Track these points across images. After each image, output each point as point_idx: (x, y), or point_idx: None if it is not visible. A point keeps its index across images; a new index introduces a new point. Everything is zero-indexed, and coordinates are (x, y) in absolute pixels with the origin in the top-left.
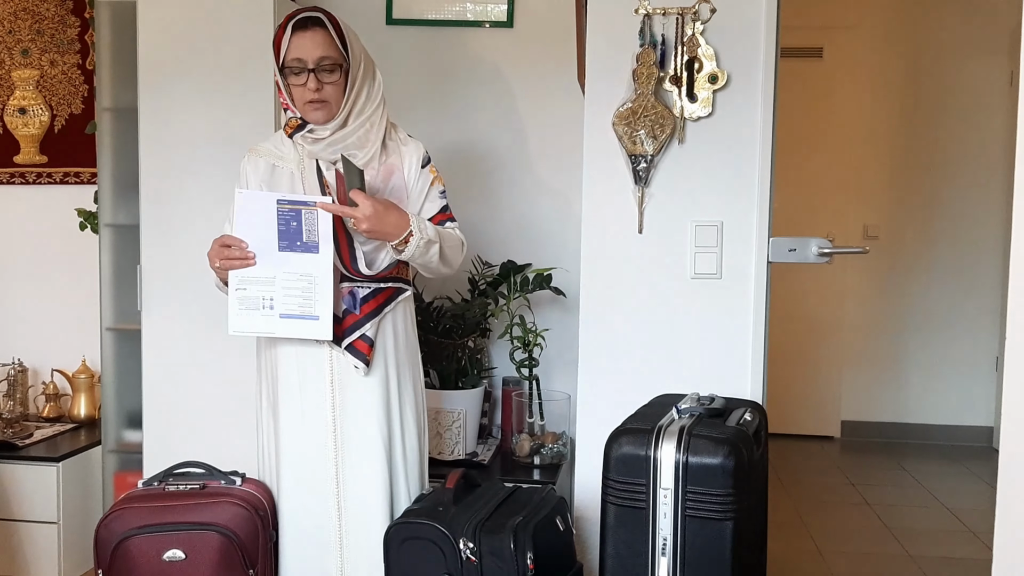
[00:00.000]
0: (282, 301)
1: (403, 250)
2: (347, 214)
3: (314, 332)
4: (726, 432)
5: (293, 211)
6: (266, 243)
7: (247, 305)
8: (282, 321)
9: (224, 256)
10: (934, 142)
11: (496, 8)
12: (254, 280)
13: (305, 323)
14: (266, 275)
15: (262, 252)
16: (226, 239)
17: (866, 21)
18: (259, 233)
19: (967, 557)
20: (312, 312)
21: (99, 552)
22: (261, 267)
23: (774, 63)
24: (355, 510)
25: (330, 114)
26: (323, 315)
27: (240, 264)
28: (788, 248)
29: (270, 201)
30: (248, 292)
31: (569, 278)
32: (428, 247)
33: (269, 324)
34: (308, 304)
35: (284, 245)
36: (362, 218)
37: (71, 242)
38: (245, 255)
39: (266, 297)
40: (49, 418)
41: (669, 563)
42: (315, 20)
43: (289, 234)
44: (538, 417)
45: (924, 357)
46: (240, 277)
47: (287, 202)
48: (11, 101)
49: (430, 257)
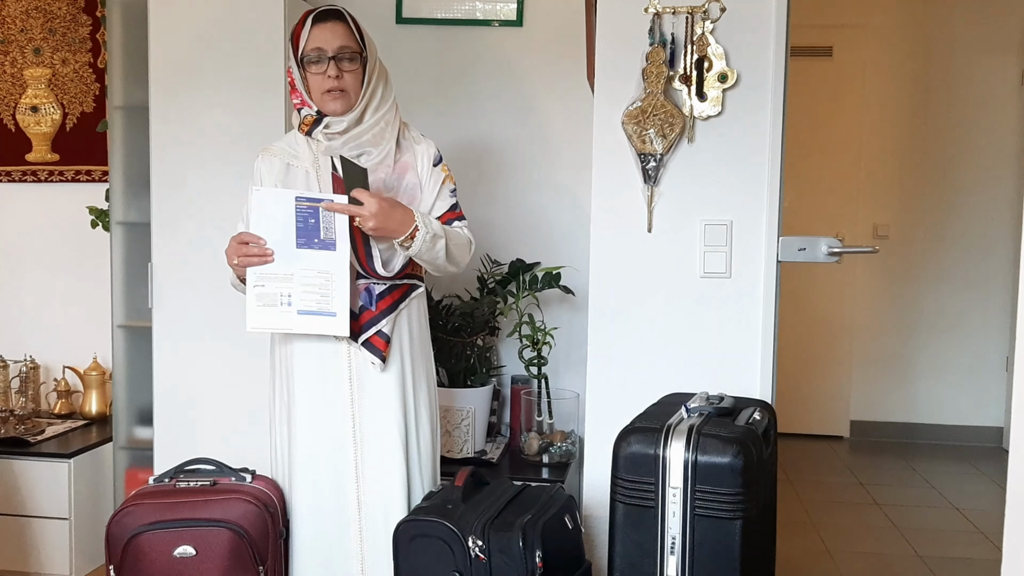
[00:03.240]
0: (300, 297)
1: (409, 246)
2: (353, 212)
3: (332, 328)
4: (735, 431)
5: (311, 208)
6: (284, 240)
7: (265, 302)
8: (300, 317)
9: (243, 253)
10: (944, 141)
11: (505, 7)
12: (272, 277)
13: (323, 319)
14: (284, 272)
15: (280, 249)
16: (244, 236)
17: (876, 20)
18: (277, 230)
19: (977, 557)
20: (329, 308)
21: (110, 548)
22: (279, 264)
23: (784, 62)
24: (374, 504)
25: (348, 104)
26: (340, 311)
27: (259, 261)
28: (798, 247)
29: (289, 198)
30: (267, 289)
31: (578, 277)
32: (434, 243)
33: (287, 320)
34: (325, 300)
35: (302, 242)
36: (368, 215)
37: (83, 240)
38: (264, 252)
39: (284, 294)
40: (61, 415)
41: (678, 562)
42: (335, 13)
43: (307, 231)
44: (547, 415)
45: (934, 357)
46: (258, 274)
47: (305, 199)
48: (23, 99)
49: (436, 253)
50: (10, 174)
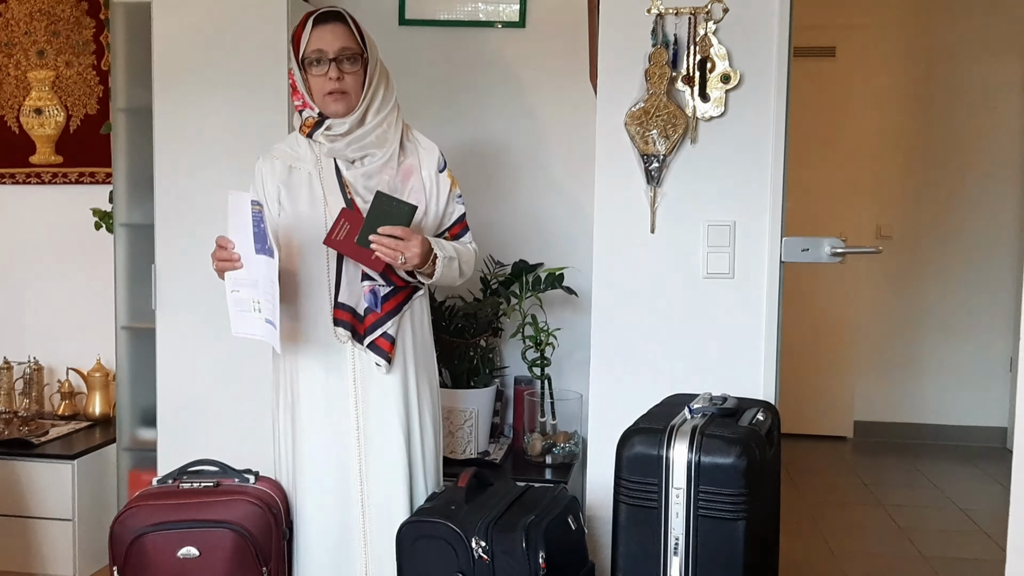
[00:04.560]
0: (265, 305)
1: (432, 272)
2: (400, 250)
3: (272, 339)
4: (738, 432)
5: (259, 212)
6: (248, 245)
7: (241, 307)
8: (267, 326)
9: (217, 257)
10: (947, 141)
11: (508, 8)
12: (243, 282)
13: (274, 330)
14: (251, 278)
15: (246, 254)
16: (220, 240)
17: (879, 20)
18: (243, 235)
19: (980, 558)
20: (275, 318)
21: (114, 549)
22: (247, 270)
23: (787, 62)
24: (378, 504)
25: (349, 106)
26: (276, 323)
27: (229, 266)
28: (801, 248)
29: (246, 201)
30: (241, 295)
31: (581, 277)
32: (450, 265)
33: (261, 328)
34: (272, 310)
35: (258, 248)
36: (412, 256)
37: (86, 241)
38: (231, 256)
39: (254, 300)
40: (64, 416)
41: (681, 563)
42: (336, 15)
43: (260, 236)
44: (550, 416)
45: (937, 357)
46: (233, 279)
47: (256, 202)
48: (27, 102)
49: (452, 275)
50: (14, 176)
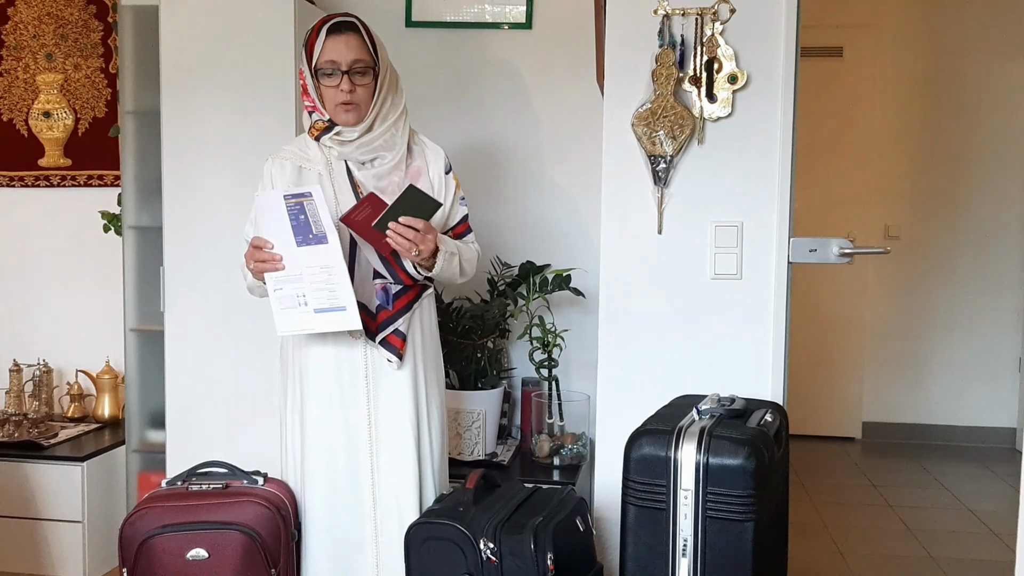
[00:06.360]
0: (313, 296)
1: (432, 265)
2: (417, 241)
3: (345, 323)
4: (747, 433)
5: (298, 204)
6: (286, 241)
7: (286, 304)
8: (318, 316)
9: (256, 259)
10: (955, 142)
11: (515, 9)
12: (286, 279)
13: (336, 315)
14: (294, 272)
15: (286, 251)
16: (256, 240)
17: (886, 20)
18: (279, 232)
19: (989, 559)
20: (339, 303)
21: (123, 551)
22: (289, 265)
23: (794, 63)
24: (389, 502)
25: (359, 116)
26: (348, 304)
27: (270, 267)
28: (809, 248)
29: (278, 198)
30: (285, 291)
31: (588, 279)
32: (451, 261)
33: (309, 321)
34: (334, 295)
35: (300, 240)
36: (427, 249)
37: (95, 244)
38: (272, 256)
39: (299, 294)
40: (73, 418)
41: (690, 564)
42: (349, 25)
43: (300, 228)
44: (557, 418)
45: (946, 358)
46: (275, 278)
47: (291, 196)
48: (36, 105)
49: (453, 271)
50: (23, 179)
